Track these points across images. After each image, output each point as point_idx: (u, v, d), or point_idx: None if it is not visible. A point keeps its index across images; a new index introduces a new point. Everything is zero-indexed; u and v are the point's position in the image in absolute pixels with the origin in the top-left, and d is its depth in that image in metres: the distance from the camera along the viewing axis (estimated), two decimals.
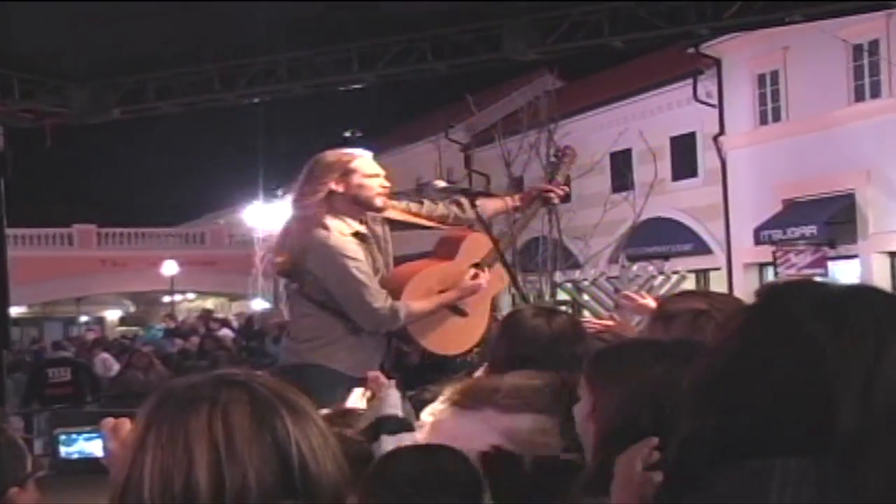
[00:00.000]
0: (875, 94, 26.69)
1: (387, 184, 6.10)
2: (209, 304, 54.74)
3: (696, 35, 11.80)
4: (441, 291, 6.18)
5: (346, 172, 5.98)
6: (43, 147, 13.64)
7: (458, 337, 6.22)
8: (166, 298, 53.46)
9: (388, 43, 11.68)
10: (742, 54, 29.12)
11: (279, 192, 37.53)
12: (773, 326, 1.62)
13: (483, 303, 6.31)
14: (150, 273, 49.82)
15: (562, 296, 24.45)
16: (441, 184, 6.55)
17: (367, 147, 6.89)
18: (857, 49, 26.46)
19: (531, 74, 30.30)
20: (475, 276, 6.18)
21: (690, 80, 31.15)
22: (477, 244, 6.34)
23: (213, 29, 11.35)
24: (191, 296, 57.07)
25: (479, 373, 4.33)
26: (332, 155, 6.21)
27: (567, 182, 7.06)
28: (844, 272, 26.19)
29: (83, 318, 52.81)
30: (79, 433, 3.74)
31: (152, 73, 12.75)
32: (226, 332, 31.25)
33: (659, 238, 29.34)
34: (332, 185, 5.92)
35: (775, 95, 29.50)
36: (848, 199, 27.19)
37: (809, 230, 26.98)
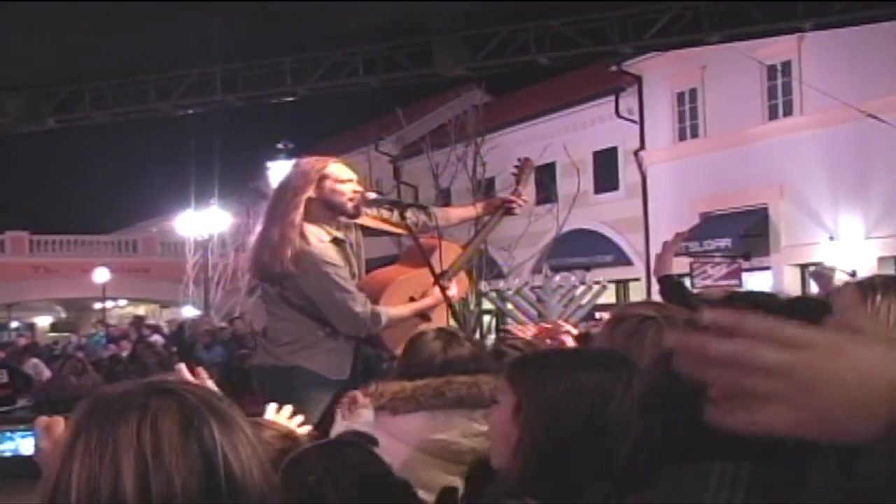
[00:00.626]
0: (788, 112, 27.08)
1: (359, 188, 6.07)
2: (141, 310, 54.04)
3: (618, 53, 11.92)
4: (412, 298, 6.20)
5: (320, 178, 5.95)
6: None
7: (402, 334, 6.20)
8: (98, 305, 52.96)
9: (321, 57, 11.69)
10: (662, 72, 29.38)
11: (212, 201, 37.43)
12: None
13: (444, 308, 6.31)
14: (82, 280, 49.35)
15: (487, 304, 24.57)
16: (372, 195, 6.53)
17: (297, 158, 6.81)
18: (772, 69, 26.87)
19: (460, 89, 30.26)
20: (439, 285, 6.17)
21: (613, 97, 31.39)
22: (445, 253, 6.33)
23: (149, 40, 11.30)
24: (122, 302, 56.55)
25: None
26: (306, 163, 6.21)
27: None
28: (758, 283, 26.41)
29: (14, 324, 52.01)
30: (13, 431, 3.72)
31: (88, 83, 12.66)
32: (157, 339, 30.99)
33: (581, 249, 29.51)
34: (309, 193, 5.89)
35: (693, 113, 29.87)
36: (762, 213, 27.61)
37: (725, 243, 27.29)
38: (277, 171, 23.36)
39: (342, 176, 6.04)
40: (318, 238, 5.86)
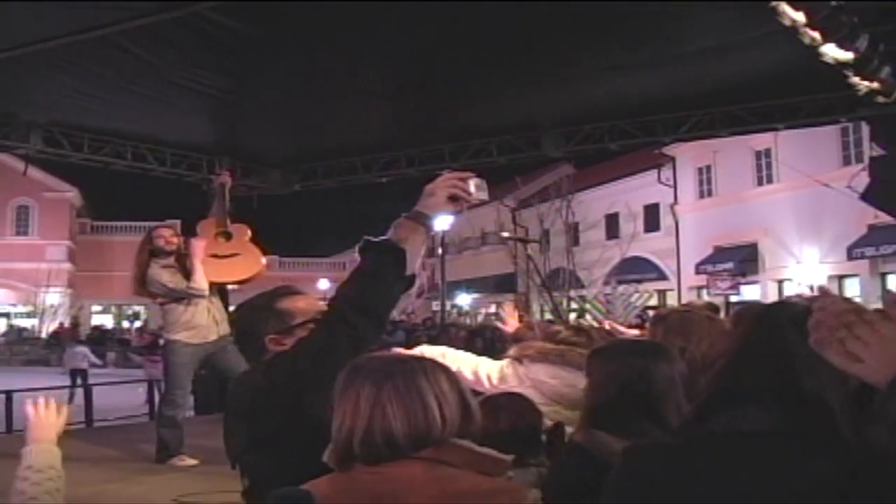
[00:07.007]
0: (770, 181, 27.12)
1: (172, 240, 7.34)
2: None
3: (661, 142, 11.81)
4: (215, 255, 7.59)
5: (156, 238, 7.37)
6: (251, 207, 13.80)
7: (227, 271, 7.56)
8: (321, 303, 53.92)
9: (469, 144, 11.72)
10: (689, 154, 29.19)
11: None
12: (764, 331, 1.55)
13: (245, 250, 7.89)
14: (311, 287, 49.77)
15: (574, 305, 24.42)
16: (505, 234, 6.58)
17: (448, 210, 6.74)
18: (759, 153, 27.13)
19: (557, 164, 30.28)
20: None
21: (656, 170, 31.37)
22: (206, 227, 7.88)
23: (356, 133, 11.46)
24: None
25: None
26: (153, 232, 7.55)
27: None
28: (750, 293, 26.39)
29: None
30: None
31: (319, 161, 12.87)
32: None
33: (635, 269, 29.33)
34: (149, 246, 7.36)
35: (709, 180, 29.83)
36: (753, 246, 27.54)
37: (728, 266, 27.34)
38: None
39: (164, 234, 7.38)
40: (157, 268, 7.24)
